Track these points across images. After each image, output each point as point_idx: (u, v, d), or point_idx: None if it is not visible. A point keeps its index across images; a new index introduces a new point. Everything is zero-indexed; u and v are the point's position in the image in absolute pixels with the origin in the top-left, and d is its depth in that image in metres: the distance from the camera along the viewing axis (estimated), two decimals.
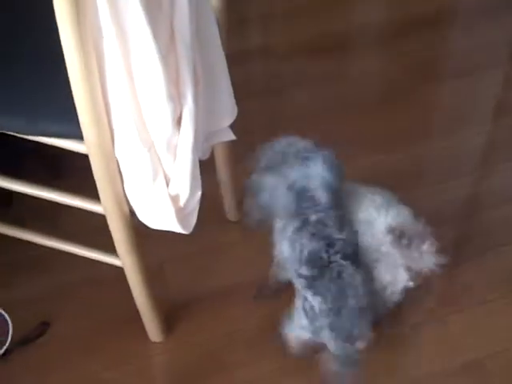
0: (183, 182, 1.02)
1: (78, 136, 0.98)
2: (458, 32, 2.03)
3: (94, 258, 1.21)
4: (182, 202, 1.04)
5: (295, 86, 1.82)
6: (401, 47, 1.93)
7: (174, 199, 1.03)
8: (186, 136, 0.99)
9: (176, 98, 0.96)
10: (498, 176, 1.62)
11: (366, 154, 1.62)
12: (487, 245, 1.46)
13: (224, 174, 1.40)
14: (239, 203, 1.47)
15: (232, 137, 1.22)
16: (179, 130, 0.99)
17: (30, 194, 1.12)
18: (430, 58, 1.91)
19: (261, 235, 1.44)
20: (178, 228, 1.07)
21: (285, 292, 1.25)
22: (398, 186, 1.53)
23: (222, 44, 1.11)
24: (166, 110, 0.94)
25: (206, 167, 1.13)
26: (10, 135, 1.05)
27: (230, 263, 1.43)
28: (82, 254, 1.22)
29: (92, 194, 1.07)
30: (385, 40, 2.00)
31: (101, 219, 1.10)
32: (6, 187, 1.13)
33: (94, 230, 1.16)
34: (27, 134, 1.04)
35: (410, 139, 1.68)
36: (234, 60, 1.79)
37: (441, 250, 1.34)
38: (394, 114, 1.74)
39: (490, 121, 1.77)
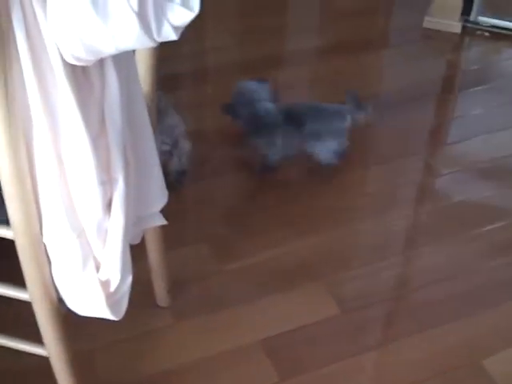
0: (114, 267, 1.01)
1: (4, 221, 0.96)
2: (380, 120, 2.13)
3: (16, 348, 1.16)
4: (112, 288, 1.02)
5: (225, 170, 1.86)
6: None
7: (105, 285, 1.02)
8: (117, 220, 0.99)
9: (106, 183, 0.96)
10: (422, 258, 1.67)
11: (289, 237, 1.66)
12: (415, 327, 1.48)
13: (155, 259, 1.39)
14: (170, 288, 1.46)
15: (163, 221, 1.22)
16: (109, 214, 0.99)
17: None
18: (354, 145, 1.98)
19: (192, 322, 1.44)
20: (108, 314, 1.04)
21: None
22: (324, 267, 1.59)
23: (153, 129, 1.13)
24: (96, 195, 0.94)
25: (137, 252, 1.12)
26: None
27: (162, 349, 1.39)
28: (3, 345, 1.17)
29: (17, 280, 1.04)
30: None
31: (26, 307, 1.06)
32: None
33: (18, 318, 1.12)
34: None
35: (333, 222, 1.72)
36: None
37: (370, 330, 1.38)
38: (317, 198, 1.79)
39: (412, 205, 1.83)
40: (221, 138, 1.98)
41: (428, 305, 1.53)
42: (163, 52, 1.16)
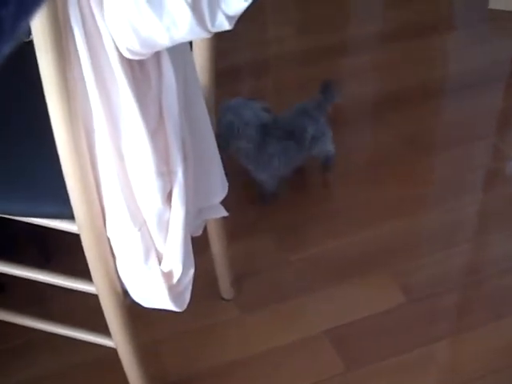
0: (176, 259, 1.02)
1: (70, 216, 0.99)
2: (446, 105, 2.08)
3: (87, 339, 1.19)
4: (175, 280, 1.03)
5: None
6: (390, 121, 1.96)
7: (167, 277, 1.03)
8: (177, 212, 0.99)
9: (166, 175, 0.97)
10: (493, 245, 1.62)
11: (357, 227, 1.63)
12: (489, 315, 1.44)
13: (217, 251, 1.39)
14: (234, 280, 1.46)
15: (224, 213, 1.23)
16: (170, 206, 0.99)
17: (22, 276, 1.12)
18: (419, 131, 1.94)
19: (257, 314, 1.44)
20: (171, 306, 1.06)
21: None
22: (390, 256, 1.56)
23: (211, 121, 1.14)
24: (155, 187, 0.95)
25: (199, 243, 1.13)
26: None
27: (227, 341, 1.40)
28: (74, 337, 1.20)
29: (84, 274, 1.06)
30: (375, 114, 2.04)
31: (94, 300, 1.09)
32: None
33: (87, 312, 1.14)
34: (21, 216, 1.05)
35: (399, 210, 1.69)
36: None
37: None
38: (385, 187, 1.76)
39: (481, 190, 1.78)
40: None
41: (501, 293, 1.49)
42: (223, 44, 1.16)
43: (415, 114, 1.98)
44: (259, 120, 1.58)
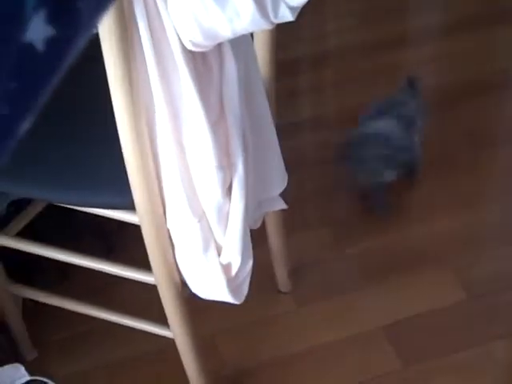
0: (235, 251, 1.02)
1: (131, 207, 1.00)
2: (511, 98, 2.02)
3: (146, 330, 1.21)
4: (233, 272, 1.03)
5: None
6: (454, 114, 1.92)
7: (226, 269, 1.03)
8: (237, 205, 0.99)
9: (226, 167, 0.97)
10: None
11: (418, 221, 1.61)
12: None
13: (275, 244, 1.39)
14: (291, 273, 1.46)
15: (283, 206, 1.22)
16: (230, 199, 0.99)
17: (85, 266, 1.14)
18: (483, 124, 1.89)
19: (313, 308, 1.43)
20: (229, 298, 1.06)
21: None
22: (449, 251, 1.52)
23: (272, 113, 1.13)
24: (215, 179, 0.95)
25: (257, 236, 1.13)
26: (62, 208, 1.08)
27: (284, 334, 1.40)
28: (134, 326, 1.22)
29: (145, 264, 1.08)
30: (439, 107, 2.00)
31: (155, 290, 1.10)
32: (64, 260, 1.15)
33: (147, 302, 1.16)
34: (84, 206, 1.07)
35: (459, 204, 1.65)
36: (286, 132, 1.83)
37: None
38: (454, 181, 1.72)
39: None
40: (342, 121, 1.94)
41: None
42: (284, 36, 1.15)
43: (479, 106, 1.93)
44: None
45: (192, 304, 1.12)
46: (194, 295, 1.08)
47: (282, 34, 1.12)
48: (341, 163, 1.61)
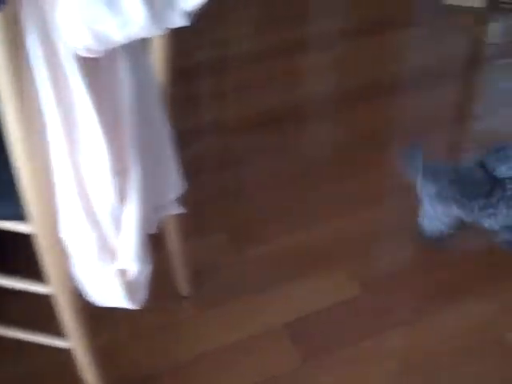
0: (131, 257, 1.01)
1: (22, 217, 0.96)
2: (405, 99, 2.10)
3: (43, 343, 1.17)
4: (130, 277, 1.02)
5: (246, 159, 1.85)
6: (350, 116, 1.98)
7: (123, 274, 1.02)
8: (132, 210, 0.98)
9: (120, 172, 0.95)
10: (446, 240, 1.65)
11: (314, 223, 1.65)
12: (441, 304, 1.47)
13: (175, 248, 1.38)
14: (192, 277, 1.46)
15: (180, 210, 1.22)
16: (125, 204, 0.98)
17: None
18: (378, 125, 1.95)
19: (214, 310, 1.44)
20: (128, 304, 1.05)
21: None
22: (344, 250, 1.57)
23: (168, 119, 1.12)
24: (110, 185, 0.93)
25: (157, 241, 1.12)
26: None
27: (186, 338, 1.40)
28: (30, 340, 1.18)
29: (39, 275, 1.04)
30: (335, 110, 2.05)
31: (51, 301, 1.07)
32: None
33: (42, 314, 1.12)
34: None
35: (354, 206, 1.70)
36: (187, 137, 1.84)
37: None
38: (343, 183, 1.77)
39: None
40: (241, 127, 1.96)
41: (450, 282, 1.52)
42: (184, 43, 1.15)
43: (375, 108, 2.00)
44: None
45: (93, 313, 1.09)
46: (93, 303, 1.06)
47: (182, 41, 1.12)
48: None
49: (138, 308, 1.07)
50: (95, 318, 1.11)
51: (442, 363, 1.35)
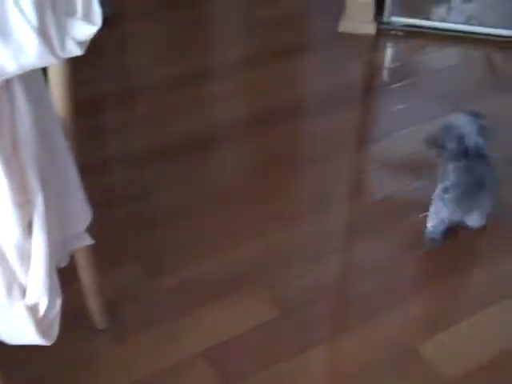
0: (40, 292, 0.99)
1: None
2: (307, 124, 2.17)
3: None
4: (41, 313, 1.01)
5: (157, 189, 1.85)
6: (260, 139, 2.02)
7: (33, 310, 1.00)
8: (39, 243, 0.97)
9: (24, 205, 0.95)
10: (360, 252, 1.71)
11: (227, 247, 1.66)
12: (359, 318, 1.52)
13: (87, 281, 1.37)
14: (106, 310, 1.44)
15: (90, 241, 1.21)
16: (31, 237, 0.97)
17: None
18: (284, 149, 2.01)
19: (132, 342, 1.42)
20: (39, 340, 1.03)
21: None
22: (259, 272, 1.60)
23: (73, 151, 1.12)
24: (13, 218, 0.92)
25: (69, 274, 1.11)
26: None
27: (103, 372, 1.37)
28: None
29: None
30: (243, 133, 2.09)
31: None
32: None
33: None
34: None
35: (264, 228, 1.73)
36: (95, 168, 1.83)
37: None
38: (254, 206, 1.80)
39: (342, 204, 1.86)
40: (150, 158, 1.97)
41: (364, 298, 1.56)
42: (89, 74, 1.15)
43: (280, 133, 2.05)
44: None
45: (4, 352, 1.06)
46: (1, 342, 1.03)
47: (86, 71, 1.12)
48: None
49: (50, 343, 1.05)
50: (10, 356, 1.08)
51: (366, 380, 1.38)
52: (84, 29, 0.85)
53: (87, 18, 0.86)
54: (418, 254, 1.68)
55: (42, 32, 0.81)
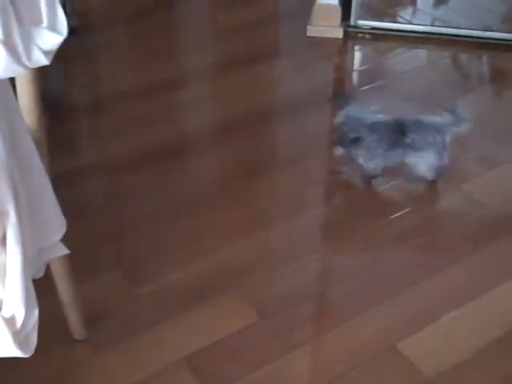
0: (17, 303, 0.99)
1: None
2: (279, 127, 2.18)
3: None
4: (18, 325, 1.00)
5: (132, 196, 1.85)
6: (229, 147, 2.04)
7: (9, 322, 0.99)
8: (13, 255, 0.97)
9: None
10: (337, 253, 1.72)
11: (203, 253, 1.67)
12: (331, 322, 1.52)
13: (65, 291, 1.36)
14: (85, 320, 1.44)
15: (65, 251, 1.21)
16: (5, 249, 0.97)
17: None
18: (257, 154, 2.02)
19: (112, 351, 1.42)
20: (17, 352, 1.02)
21: None
22: (243, 278, 1.60)
23: (44, 160, 1.12)
24: None
25: (46, 284, 1.10)
26: None
27: (81, 383, 1.37)
28: None
29: None
30: (217, 139, 2.11)
31: None
32: None
33: None
34: None
35: (242, 232, 1.74)
36: (69, 178, 1.83)
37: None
38: (230, 208, 1.81)
39: (318, 205, 1.88)
40: (123, 164, 1.97)
41: (342, 299, 1.58)
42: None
43: (252, 137, 2.07)
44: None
45: None
46: None
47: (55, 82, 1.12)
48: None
49: (28, 355, 1.04)
50: None
51: (347, 380, 1.39)
52: (50, 38, 0.85)
53: (53, 27, 0.86)
54: (393, 255, 1.69)
55: (8, 42, 0.81)
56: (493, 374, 1.40)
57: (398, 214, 1.80)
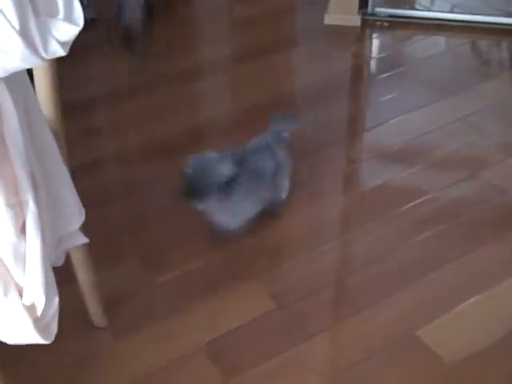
0: (37, 291, 1.00)
1: None
2: (303, 114, 2.17)
3: None
4: (38, 312, 1.02)
5: (149, 186, 1.86)
6: (252, 133, 2.04)
7: (30, 310, 1.01)
8: (34, 243, 0.98)
9: (16, 205, 0.96)
10: (351, 244, 1.72)
11: (218, 243, 1.68)
12: (350, 311, 1.53)
13: (85, 279, 1.38)
14: (105, 307, 1.45)
15: (84, 240, 1.22)
16: (25, 238, 0.98)
17: None
18: None
19: (131, 339, 1.44)
20: (38, 339, 1.04)
21: None
22: (255, 265, 1.62)
23: (63, 151, 1.14)
24: (7, 219, 0.94)
25: (66, 272, 1.11)
26: None
27: (104, 370, 1.38)
28: None
29: None
30: (235, 130, 2.11)
31: None
32: None
33: None
34: None
35: (268, 219, 1.74)
36: (88, 169, 1.85)
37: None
38: None
39: (336, 194, 1.88)
40: (140, 155, 1.99)
41: (361, 287, 1.58)
42: (72, 77, 1.16)
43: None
44: (220, 175, 1.55)
45: (3, 355, 1.08)
46: (2, 343, 1.05)
47: (69, 75, 1.13)
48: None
49: (49, 342, 1.06)
50: (9, 358, 1.09)
51: (366, 368, 1.39)
52: (66, 29, 0.86)
53: (69, 18, 0.87)
54: (412, 242, 1.69)
55: (25, 34, 0.82)
56: (510, 362, 1.40)
57: (417, 201, 1.79)
